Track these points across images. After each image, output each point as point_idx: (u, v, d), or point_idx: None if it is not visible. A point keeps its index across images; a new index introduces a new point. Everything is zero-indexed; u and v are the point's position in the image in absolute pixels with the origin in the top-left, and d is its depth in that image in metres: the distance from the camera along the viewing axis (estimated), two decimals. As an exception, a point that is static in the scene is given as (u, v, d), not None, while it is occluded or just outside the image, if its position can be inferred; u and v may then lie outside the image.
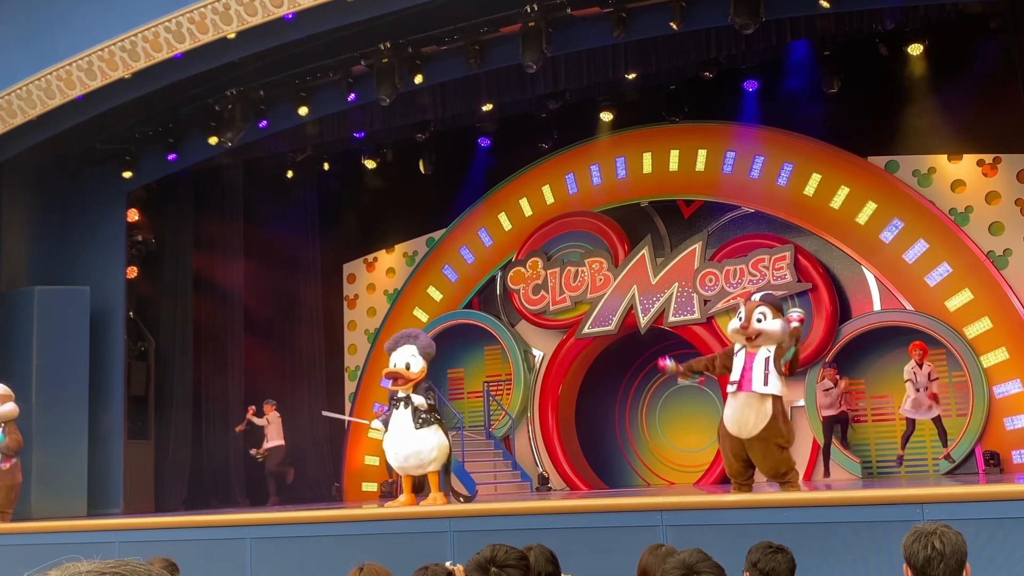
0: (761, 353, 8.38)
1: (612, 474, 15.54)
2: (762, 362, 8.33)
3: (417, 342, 9.40)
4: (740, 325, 8.42)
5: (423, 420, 9.24)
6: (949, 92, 13.41)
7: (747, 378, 8.33)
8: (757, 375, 8.30)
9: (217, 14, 10.99)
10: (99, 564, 1.24)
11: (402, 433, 9.24)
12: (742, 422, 8.34)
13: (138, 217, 15.01)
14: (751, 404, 8.28)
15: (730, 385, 8.52)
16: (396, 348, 9.40)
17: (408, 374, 9.16)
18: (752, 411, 8.28)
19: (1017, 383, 12.70)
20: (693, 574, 3.03)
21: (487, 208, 16.57)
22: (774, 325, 8.44)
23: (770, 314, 8.44)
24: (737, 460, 8.47)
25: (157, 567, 1.37)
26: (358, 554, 7.86)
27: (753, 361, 8.36)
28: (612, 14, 11.63)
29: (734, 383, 8.42)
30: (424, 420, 9.24)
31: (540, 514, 7.96)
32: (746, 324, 8.37)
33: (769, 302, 8.60)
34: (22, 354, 13.49)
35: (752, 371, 8.33)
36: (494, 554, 3.02)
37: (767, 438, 8.30)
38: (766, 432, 8.27)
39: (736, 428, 8.38)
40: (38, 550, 9.68)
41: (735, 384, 8.41)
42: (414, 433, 9.20)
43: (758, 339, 8.37)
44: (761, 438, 8.29)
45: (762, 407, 8.31)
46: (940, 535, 3.12)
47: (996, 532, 6.03)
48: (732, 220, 14.93)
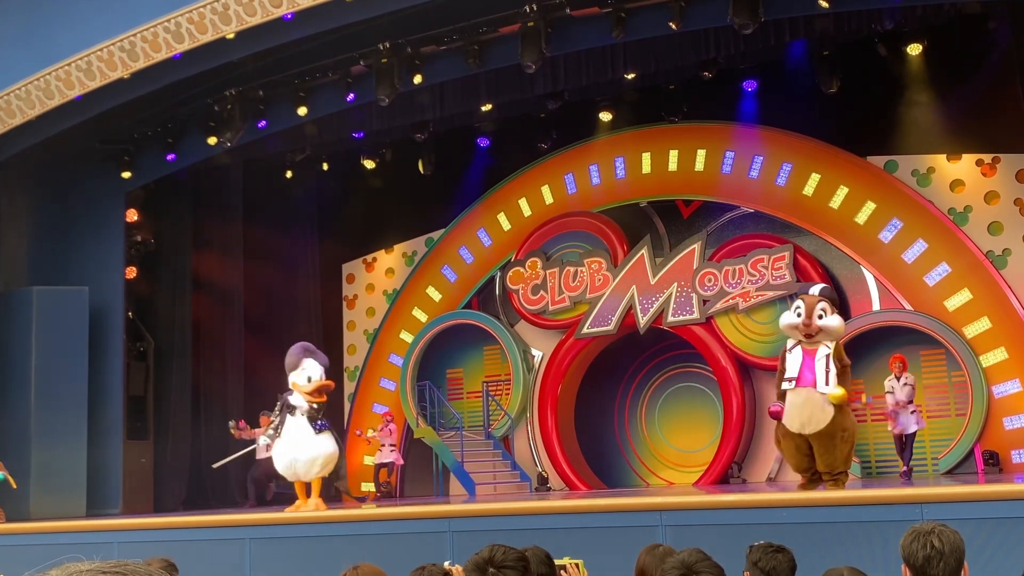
0: (821, 351, 8.34)
1: (611, 474, 15.52)
2: (823, 359, 8.30)
3: (316, 356, 10.15)
4: (802, 322, 8.33)
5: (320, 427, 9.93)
6: (948, 92, 13.41)
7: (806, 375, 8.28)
8: (820, 373, 8.25)
9: (216, 14, 10.99)
10: (99, 564, 1.24)
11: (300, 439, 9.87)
12: (806, 418, 8.29)
13: (137, 217, 14.99)
14: (815, 400, 8.24)
15: (787, 382, 8.42)
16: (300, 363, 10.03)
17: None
18: (817, 407, 8.24)
19: (1016, 383, 12.70)
20: (692, 574, 3.03)
21: (486, 208, 16.56)
22: (835, 321, 8.45)
23: (830, 310, 8.41)
24: (801, 455, 8.45)
25: (156, 567, 1.37)
26: (357, 554, 7.85)
27: (814, 359, 8.32)
28: (611, 14, 11.62)
29: (791, 379, 8.34)
30: (321, 427, 9.94)
31: (539, 514, 7.96)
32: (808, 321, 8.30)
33: (828, 297, 8.55)
34: (21, 354, 13.49)
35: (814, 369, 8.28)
36: (492, 554, 3.02)
37: (832, 432, 8.28)
38: (832, 427, 8.26)
39: (799, 425, 8.33)
40: (37, 550, 9.68)
41: (792, 380, 8.33)
42: (314, 438, 9.88)
43: (818, 335, 8.32)
44: (827, 433, 8.27)
45: (826, 402, 8.26)
46: (938, 534, 3.12)
47: (995, 532, 6.04)
48: (731, 220, 14.93)
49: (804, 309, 8.38)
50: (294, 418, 9.94)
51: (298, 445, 9.91)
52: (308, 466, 9.93)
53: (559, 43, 11.96)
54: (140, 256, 15.26)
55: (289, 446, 9.96)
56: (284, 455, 10.03)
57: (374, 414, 16.64)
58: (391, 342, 16.94)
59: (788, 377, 8.38)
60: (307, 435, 9.90)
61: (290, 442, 9.95)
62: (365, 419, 16.79)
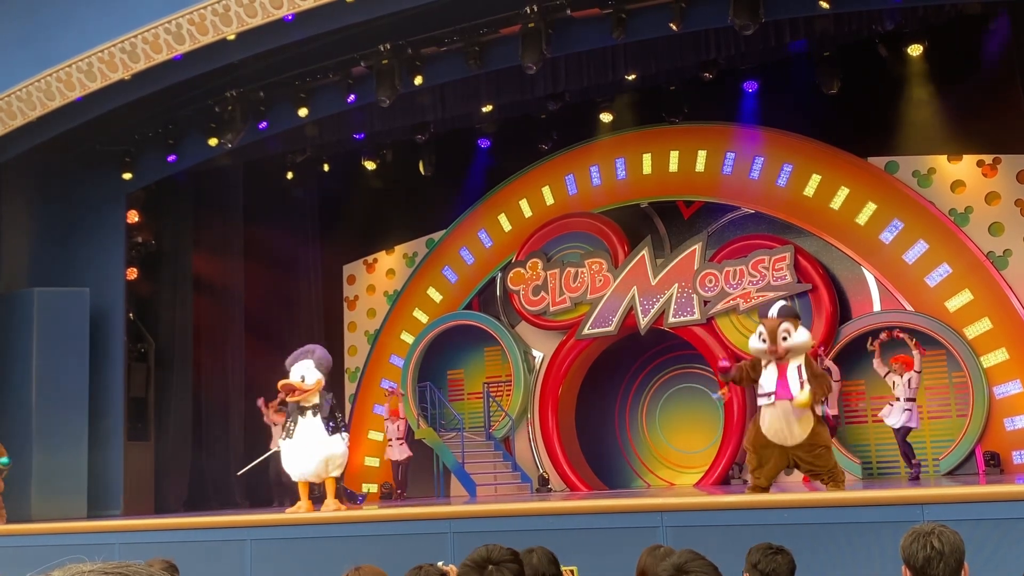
0: (792, 363, 8.46)
1: (612, 475, 15.53)
2: (795, 371, 8.42)
3: (313, 356, 10.00)
4: (768, 348, 8.46)
5: (333, 427, 9.91)
6: (949, 93, 13.41)
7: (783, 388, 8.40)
8: (794, 384, 8.38)
9: (217, 15, 10.99)
10: (101, 565, 1.24)
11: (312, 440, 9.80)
12: (787, 431, 8.44)
13: (138, 218, 14.99)
14: (793, 413, 8.38)
15: (764, 397, 8.57)
16: (295, 364, 9.95)
17: (302, 386, 9.73)
18: (796, 420, 8.39)
19: (1017, 383, 12.70)
20: (683, 574, 3.02)
21: (487, 209, 16.57)
22: (801, 337, 8.56)
23: (793, 328, 8.51)
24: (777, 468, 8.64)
25: (157, 568, 1.38)
26: (358, 555, 7.86)
27: (786, 372, 8.45)
28: (612, 15, 11.63)
29: (769, 394, 8.49)
30: (334, 427, 9.92)
31: (540, 515, 7.96)
32: (774, 347, 8.43)
33: (788, 315, 8.65)
34: (22, 356, 13.49)
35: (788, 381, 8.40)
36: (489, 553, 3.04)
37: (814, 443, 8.45)
38: (812, 438, 8.43)
39: (780, 437, 8.47)
40: (38, 551, 9.68)
41: (770, 395, 8.48)
42: (327, 439, 9.81)
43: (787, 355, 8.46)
44: (808, 444, 8.43)
45: (804, 414, 8.43)
46: (938, 535, 3.12)
47: (996, 532, 6.04)
48: (732, 221, 14.93)
49: (767, 335, 8.49)
50: (305, 419, 9.86)
51: (309, 445, 9.81)
52: (321, 466, 9.84)
53: (560, 44, 11.96)
54: (141, 257, 15.26)
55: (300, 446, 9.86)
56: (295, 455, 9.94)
57: (375, 415, 16.65)
58: (392, 343, 16.94)
59: (766, 392, 8.54)
60: (319, 435, 9.84)
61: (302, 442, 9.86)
62: (366, 420, 16.80)
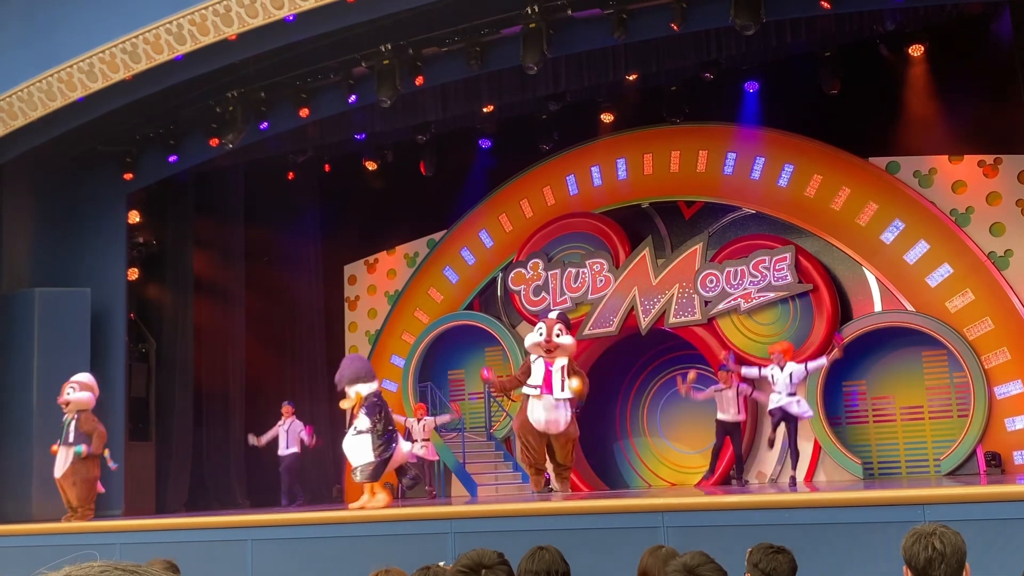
0: (557, 363, 10.24)
1: (613, 475, 15.52)
2: (559, 370, 10.17)
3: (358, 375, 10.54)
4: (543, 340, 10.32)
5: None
6: (950, 93, 13.40)
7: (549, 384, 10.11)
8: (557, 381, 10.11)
9: (218, 16, 10.99)
10: (112, 562, 1.25)
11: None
12: (552, 421, 10.20)
13: (139, 219, 15.00)
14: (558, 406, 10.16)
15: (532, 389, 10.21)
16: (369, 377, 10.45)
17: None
18: (560, 412, 10.18)
19: (1018, 384, 12.69)
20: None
21: (488, 209, 16.56)
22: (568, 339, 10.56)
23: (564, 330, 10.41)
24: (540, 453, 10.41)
25: (158, 568, 1.38)
26: (359, 556, 7.89)
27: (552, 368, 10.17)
28: (612, 15, 11.62)
29: (536, 387, 10.16)
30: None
31: (541, 515, 7.96)
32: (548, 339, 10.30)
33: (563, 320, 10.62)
34: (23, 356, 13.49)
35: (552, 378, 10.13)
36: (480, 557, 3.06)
37: (569, 433, 10.36)
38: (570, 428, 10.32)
39: (546, 427, 10.21)
40: (39, 551, 9.69)
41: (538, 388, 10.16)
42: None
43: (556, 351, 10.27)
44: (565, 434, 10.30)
45: (566, 408, 10.24)
46: (940, 535, 3.12)
47: (997, 533, 6.04)
48: (733, 221, 14.93)
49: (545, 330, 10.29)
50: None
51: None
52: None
53: (560, 44, 11.96)
54: (142, 258, 15.26)
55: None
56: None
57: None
58: (393, 343, 16.94)
59: (534, 385, 10.13)
60: None
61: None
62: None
